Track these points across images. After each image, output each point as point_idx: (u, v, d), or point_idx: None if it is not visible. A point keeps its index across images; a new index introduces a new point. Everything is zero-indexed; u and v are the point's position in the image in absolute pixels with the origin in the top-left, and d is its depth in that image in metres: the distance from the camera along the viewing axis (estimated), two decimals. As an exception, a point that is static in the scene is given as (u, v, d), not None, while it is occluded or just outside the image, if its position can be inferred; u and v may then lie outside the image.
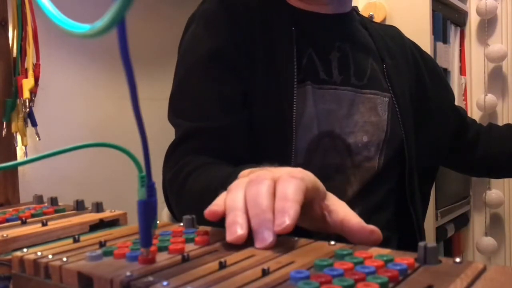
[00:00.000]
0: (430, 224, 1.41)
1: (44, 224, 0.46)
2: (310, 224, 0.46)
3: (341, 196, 0.75)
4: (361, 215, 0.75)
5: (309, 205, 0.44)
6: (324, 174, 0.78)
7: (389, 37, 0.91)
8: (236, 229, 0.38)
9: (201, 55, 0.75)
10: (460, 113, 0.98)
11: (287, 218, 0.37)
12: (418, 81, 0.90)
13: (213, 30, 0.76)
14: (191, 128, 0.73)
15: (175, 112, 0.77)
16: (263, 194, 0.40)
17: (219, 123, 0.73)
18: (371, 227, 0.41)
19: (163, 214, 0.78)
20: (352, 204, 0.76)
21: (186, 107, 0.76)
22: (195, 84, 0.76)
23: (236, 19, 0.76)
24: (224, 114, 0.73)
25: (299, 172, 0.44)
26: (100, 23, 0.24)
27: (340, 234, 0.43)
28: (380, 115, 0.80)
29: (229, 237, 0.38)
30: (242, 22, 0.76)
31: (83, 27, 0.25)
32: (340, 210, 0.44)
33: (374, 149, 0.79)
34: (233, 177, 0.52)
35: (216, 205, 0.42)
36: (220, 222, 0.41)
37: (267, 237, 0.37)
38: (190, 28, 0.80)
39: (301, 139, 0.74)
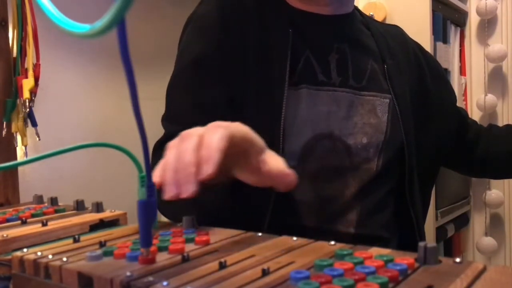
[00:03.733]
0: (430, 224, 1.41)
1: (44, 224, 0.46)
2: (250, 178, 0.50)
3: (339, 197, 0.74)
4: (360, 216, 0.75)
5: (245, 158, 0.48)
6: (322, 176, 0.78)
7: (391, 36, 0.91)
8: (169, 189, 0.44)
9: (188, 61, 0.77)
10: (461, 114, 0.98)
11: (208, 167, 0.43)
12: (420, 81, 0.90)
13: (203, 36, 0.77)
14: (172, 131, 0.74)
15: (165, 114, 0.79)
16: (188, 150, 0.45)
17: None
18: (288, 171, 0.47)
19: (163, 214, 0.78)
20: (350, 205, 0.76)
21: (171, 110, 0.78)
22: (179, 89, 0.78)
23: (230, 22, 0.76)
24: (205, 120, 0.73)
25: (229, 123, 0.49)
26: (100, 23, 0.24)
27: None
28: (380, 116, 0.80)
29: (165, 195, 0.44)
30: (237, 24, 0.76)
31: (83, 27, 0.25)
32: (271, 161, 0.48)
33: (373, 150, 0.78)
34: None
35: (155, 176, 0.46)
36: (218, 221, 0.44)
37: (190, 188, 0.42)
38: (186, 29, 0.81)
39: (293, 143, 0.73)
